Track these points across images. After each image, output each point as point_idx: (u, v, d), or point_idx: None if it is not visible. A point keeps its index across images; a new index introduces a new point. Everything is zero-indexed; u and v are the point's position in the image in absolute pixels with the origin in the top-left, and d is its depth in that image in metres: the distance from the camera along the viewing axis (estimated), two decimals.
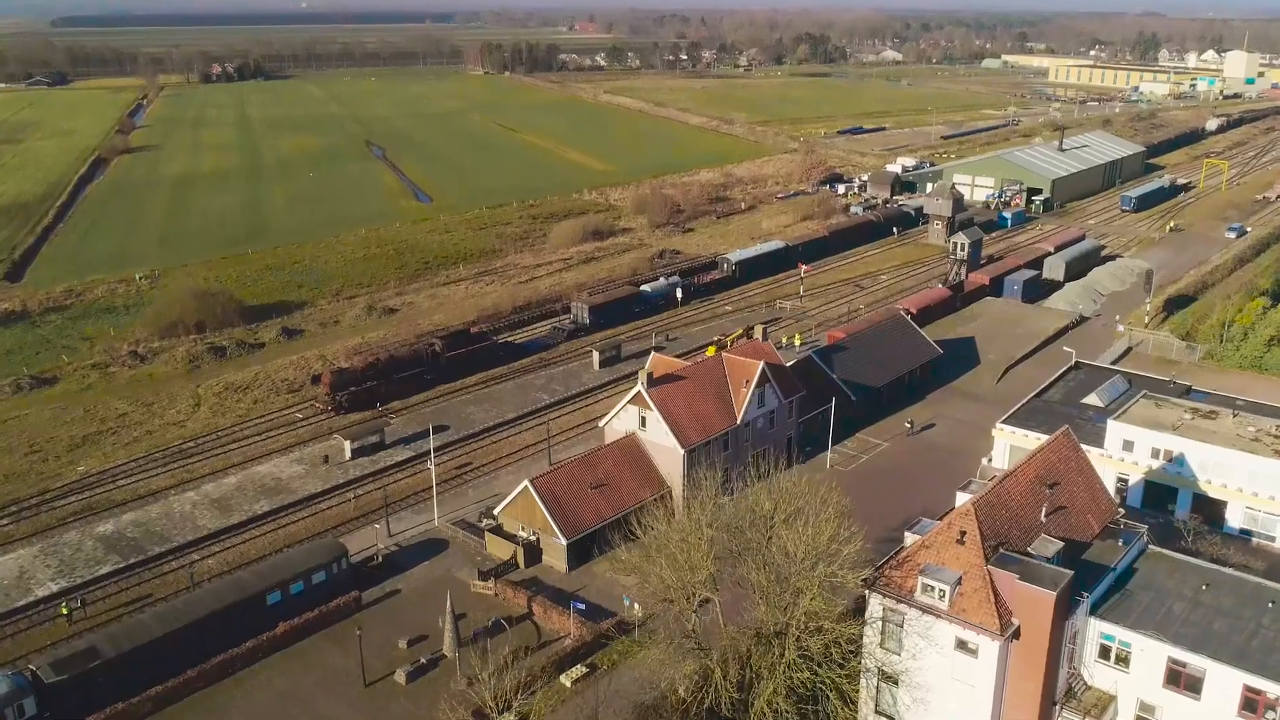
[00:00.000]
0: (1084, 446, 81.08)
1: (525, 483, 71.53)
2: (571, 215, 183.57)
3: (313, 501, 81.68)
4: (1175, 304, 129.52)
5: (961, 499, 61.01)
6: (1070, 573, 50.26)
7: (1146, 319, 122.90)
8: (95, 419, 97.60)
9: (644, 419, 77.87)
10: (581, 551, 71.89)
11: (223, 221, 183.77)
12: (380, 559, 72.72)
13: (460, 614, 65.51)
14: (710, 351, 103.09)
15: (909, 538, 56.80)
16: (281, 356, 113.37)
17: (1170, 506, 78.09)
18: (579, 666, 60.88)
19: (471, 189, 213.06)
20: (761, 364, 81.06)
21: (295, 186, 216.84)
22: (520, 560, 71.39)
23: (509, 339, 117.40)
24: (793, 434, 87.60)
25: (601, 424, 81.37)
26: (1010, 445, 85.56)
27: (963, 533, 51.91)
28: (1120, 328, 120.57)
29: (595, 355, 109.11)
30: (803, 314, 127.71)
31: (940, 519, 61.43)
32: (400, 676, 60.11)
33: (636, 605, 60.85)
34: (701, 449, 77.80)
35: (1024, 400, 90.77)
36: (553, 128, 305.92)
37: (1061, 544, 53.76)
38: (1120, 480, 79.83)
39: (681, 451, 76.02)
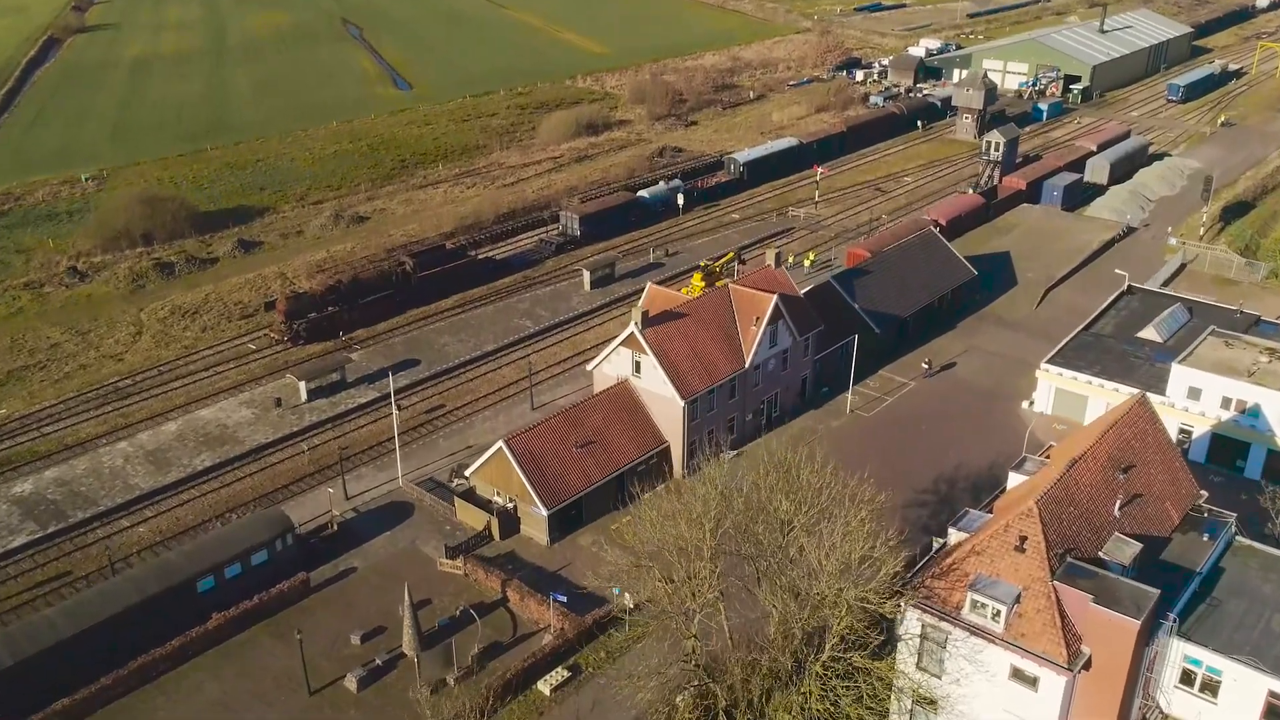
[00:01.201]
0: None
1: (500, 443, 62.75)
2: (564, 105, 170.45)
3: (261, 454, 73.11)
4: (1231, 212, 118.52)
5: (1015, 480, 52.25)
6: (1156, 593, 41.77)
7: (1202, 230, 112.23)
8: (23, 350, 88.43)
9: (638, 364, 68.63)
10: (566, 521, 63.65)
11: (181, 113, 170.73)
12: (334, 527, 64.54)
13: (423, 601, 57.65)
14: (696, 280, 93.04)
15: (953, 535, 48.13)
16: (236, 274, 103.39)
17: (1239, 463, 69.60)
18: (560, 670, 53.20)
19: (455, 74, 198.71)
20: (774, 298, 71.30)
21: (262, 71, 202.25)
22: (495, 532, 63.20)
23: (489, 254, 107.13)
24: (807, 374, 78.47)
25: (590, 367, 72.16)
26: (1055, 388, 76.56)
27: (1023, 538, 43.24)
28: (1172, 240, 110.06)
29: (586, 275, 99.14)
30: (817, 223, 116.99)
31: (986, 506, 52.83)
32: (351, 683, 52.47)
33: (627, 595, 52.83)
34: (704, 398, 68.78)
35: (1071, 334, 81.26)
36: (544, 3, 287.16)
37: (1139, 546, 45.18)
38: (1183, 432, 71.12)
39: (681, 403, 67.02)
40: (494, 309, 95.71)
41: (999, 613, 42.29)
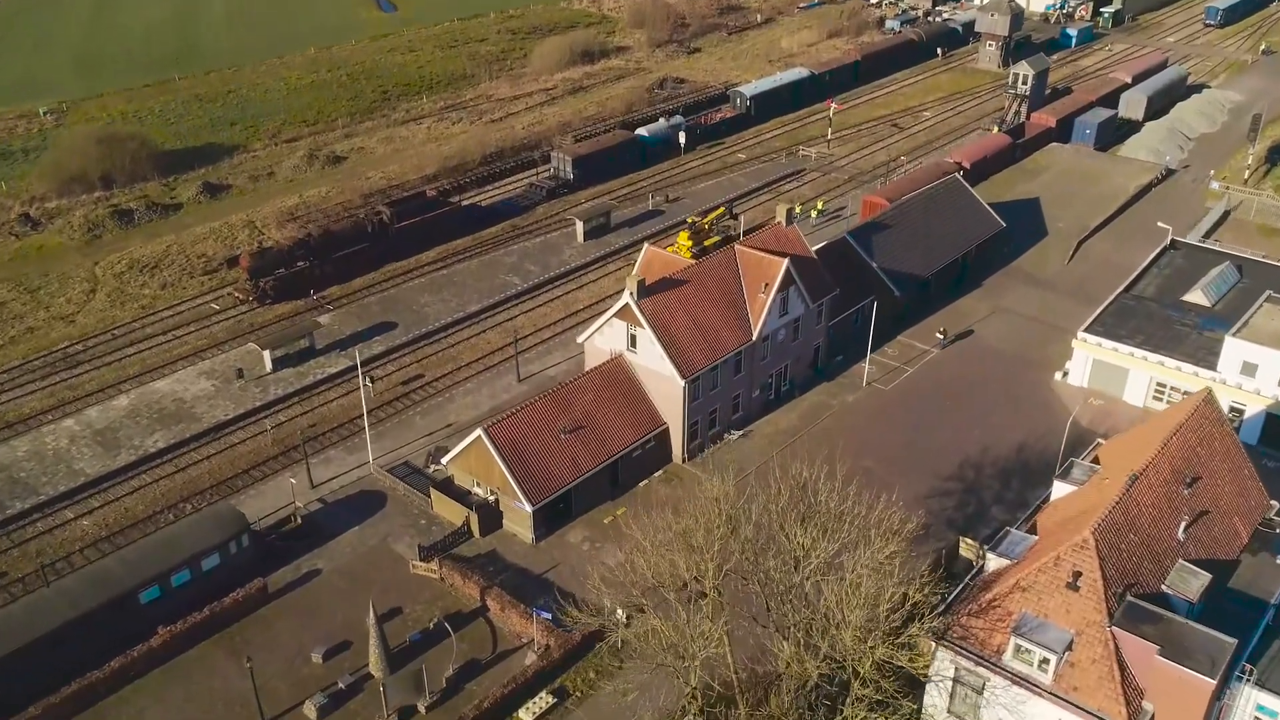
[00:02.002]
0: (1191, 369, 66.52)
1: (478, 431, 56.88)
2: (558, 30, 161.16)
3: (221, 433, 67.37)
4: (1276, 152, 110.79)
5: (1060, 490, 46.42)
6: (1233, 643, 36.26)
7: (1246, 173, 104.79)
8: None
9: (633, 337, 62.47)
10: (553, 516, 58.16)
11: (149, 40, 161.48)
12: (298, 520, 59.08)
13: (394, 610, 52.50)
14: (682, 239, 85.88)
15: (992, 561, 42.45)
16: (201, 223, 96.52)
17: None
18: (544, 695, 48.13)
19: None
20: (785, 262, 64.76)
21: None
22: (474, 528, 57.73)
23: (475, 201, 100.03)
24: (820, 343, 72.27)
25: (581, 339, 65.96)
26: (1093, 359, 70.43)
27: (1076, 574, 37.60)
28: (1214, 184, 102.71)
29: (579, 225, 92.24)
30: (830, 164, 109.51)
31: (1028, 524, 47.04)
32: (311, 710, 47.44)
33: (620, 611, 47.49)
34: (707, 375, 62.74)
35: (1110, 298, 74.77)
36: None
37: (1208, 577, 39.55)
38: (1234, 411, 65.23)
39: (682, 383, 61.00)
40: (478, 263, 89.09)
41: (1047, 661, 36.85)
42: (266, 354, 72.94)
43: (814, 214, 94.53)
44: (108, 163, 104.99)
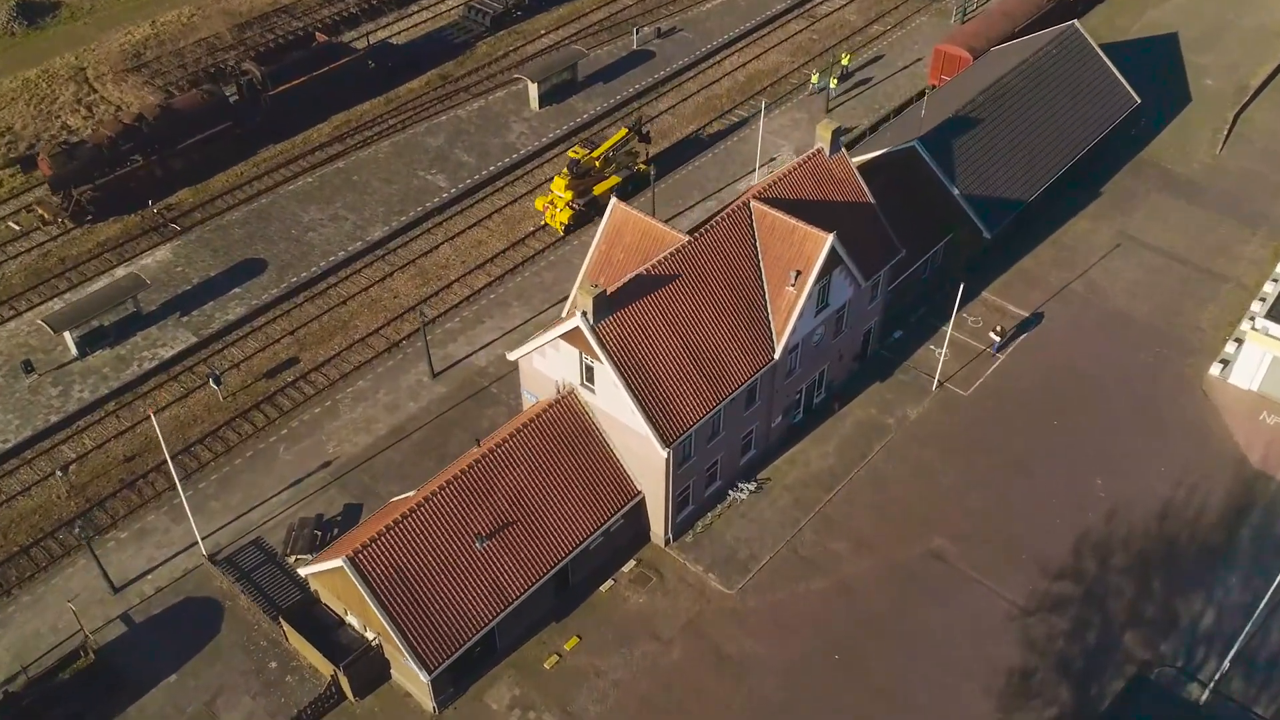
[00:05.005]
0: None
1: (340, 561, 37.31)
2: None
3: None
4: None
5: None
6: None
7: None
8: None
9: (590, 370, 41.63)
10: (465, 664, 39.77)
11: None
12: (89, 656, 40.82)
13: None
14: (557, 186, 57.66)
15: None
16: (8, 72, 71.92)
17: None
18: None
19: None
20: (829, 240, 42.63)
21: None
22: (347, 689, 39.53)
23: (385, 39, 74.59)
24: (874, 324, 51.15)
25: (512, 356, 44.83)
26: (1272, 357, 49.51)
27: None
28: None
29: (532, 87, 67.82)
30: None
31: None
32: None
33: None
34: (704, 426, 42.41)
35: None
36: None
37: None
38: None
39: (664, 453, 40.76)
40: (390, 146, 65.75)
41: None
42: (68, 334, 51.92)
43: (833, 82, 68.76)
44: None
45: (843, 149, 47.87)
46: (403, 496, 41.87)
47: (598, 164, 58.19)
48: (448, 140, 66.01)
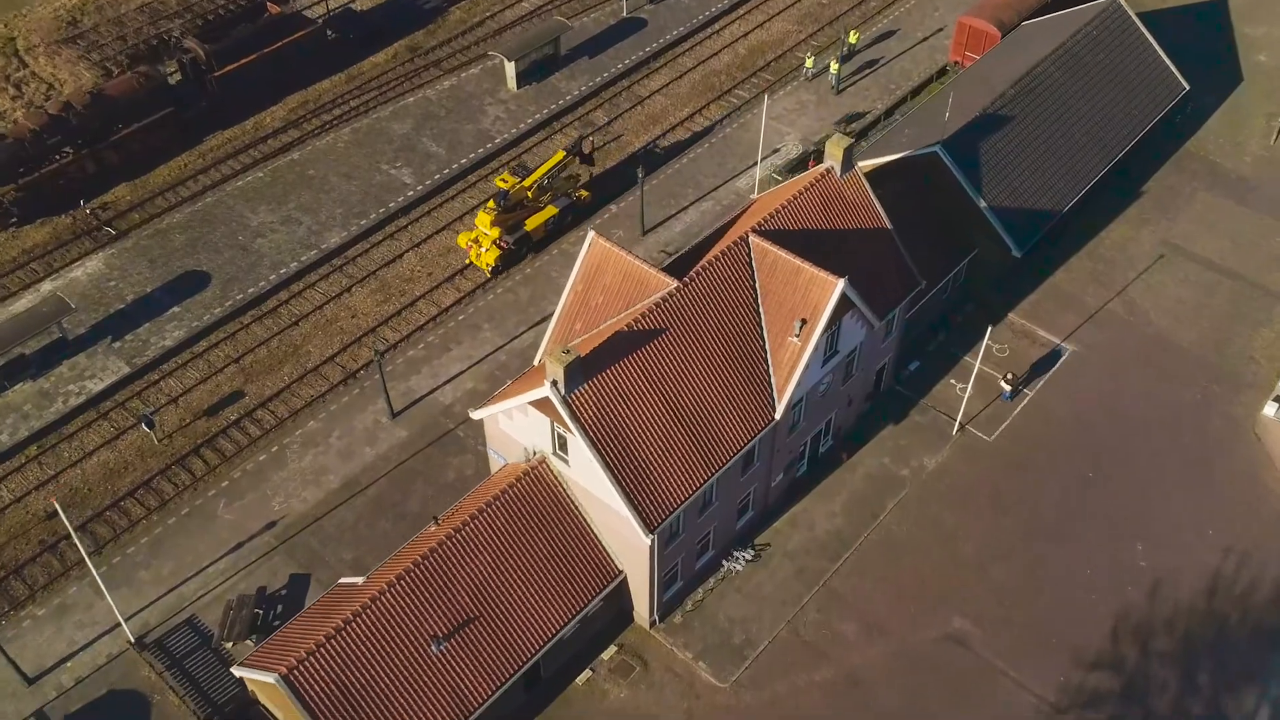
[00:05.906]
0: None
1: (273, 677, 32.60)
2: None
3: None
4: None
5: None
6: None
7: None
8: None
9: (563, 440, 36.46)
10: None
11: None
12: None
13: None
14: (482, 221, 50.21)
15: None
16: None
17: None
18: None
19: None
20: (839, 286, 37.07)
21: None
22: None
23: (349, 4, 67.81)
24: (887, 361, 45.84)
25: (476, 414, 39.53)
26: None
27: None
28: None
29: (509, 66, 61.37)
30: None
31: None
32: None
33: None
34: (694, 504, 37.40)
35: None
36: None
37: None
38: None
39: (647, 540, 35.81)
40: (350, 134, 59.61)
41: None
42: None
43: (834, 66, 61.75)
44: None
45: (855, 166, 42.04)
46: (352, 580, 37.01)
47: (530, 194, 51.10)
48: (415, 126, 59.83)
